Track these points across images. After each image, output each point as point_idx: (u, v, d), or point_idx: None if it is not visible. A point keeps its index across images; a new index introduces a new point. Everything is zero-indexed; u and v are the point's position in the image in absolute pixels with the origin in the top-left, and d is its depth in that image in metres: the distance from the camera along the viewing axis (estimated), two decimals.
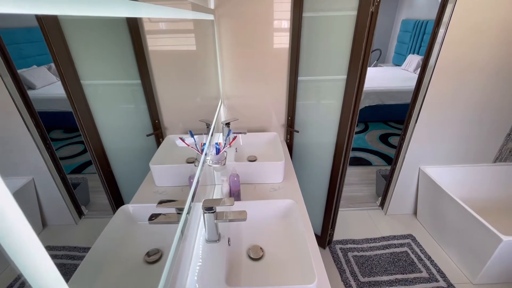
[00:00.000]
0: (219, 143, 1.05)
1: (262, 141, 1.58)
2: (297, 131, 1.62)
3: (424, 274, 1.65)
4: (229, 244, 0.85)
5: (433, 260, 1.74)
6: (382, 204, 2.20)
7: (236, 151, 1.43)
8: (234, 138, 1.20)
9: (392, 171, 2.02)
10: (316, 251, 0.90)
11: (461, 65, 1.56)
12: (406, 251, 1.81)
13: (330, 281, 1.62)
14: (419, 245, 1.85)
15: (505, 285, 1.57)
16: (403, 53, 5.14)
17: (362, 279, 1.62)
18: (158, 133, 0.86)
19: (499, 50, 1.53)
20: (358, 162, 2.92)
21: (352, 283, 1.60)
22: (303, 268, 0.78)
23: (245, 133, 1.38)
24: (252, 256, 0.86)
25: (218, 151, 1.04)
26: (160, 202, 0.75)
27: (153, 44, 0.71)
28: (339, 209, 2.22)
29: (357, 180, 2.62)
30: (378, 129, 3.70)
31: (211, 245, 0.80)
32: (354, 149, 3.17)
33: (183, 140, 0.90)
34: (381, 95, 3.77)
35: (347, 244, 1.87)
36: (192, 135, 0.97)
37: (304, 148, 1.67)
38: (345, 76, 1.30)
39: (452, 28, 1.47)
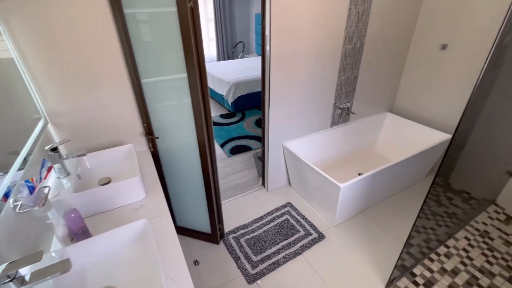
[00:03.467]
0: (31, 179, 0.81)
1: (117, 157, 1.37)
2: (157, 138, 1.50)
3: (302, 232, 1.94)
4: None
5: (306, 218, 2.06)
6: (263, 183, 2.42)
7: (79, 178, 1.18)
8: (50, 168, 0.97)
9: (264, 152, 2.24)
10: (180, 264, 0.85)
11: (288, 52, 1.83)
12: (287, 218, 2.07)
13: (227, 273, 1.66)
14: (295, 209, 2.16)
15: (353, 218, 2.06)
16: None
17: (255, 259, 1.74)
18: None
19: (314, 40, 1.89)
20: (240, 149, 3.09)
21: (247, 266, 1.69)
22: None
23: (84, 154, 1.15)
24: None
25: (32, 189, 0.81)
26: None
27: None
28: (227, 200, 2.30)
29: (241, 167, 2.78)
30: (253, 116, 4.03)
31: None
32: (236, 138, 3.34)
33: None
34: (249, 84, 4.10)
35: (238, 231, 1.96)
36: None
37: (171, 152, 1.58)
38: (186, 74, 1.27)
39: (275, 22, 1.68)
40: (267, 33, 1.72)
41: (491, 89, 1.53)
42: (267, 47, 1.76)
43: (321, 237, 1.89)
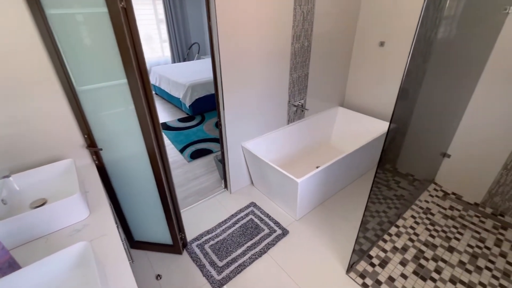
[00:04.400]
0: None
1: (53, 174, 1.23)
2: (101, 149, 1.38)
3: (266, 230, 1.95)
4: None
5: (270, 216, 2.09)
6: (226, 186, 2.39)
7: (4, 203, 1.03)
8: None
9: (223, 154, 2.21)
10: (128, 284, 0.79)
11: (238, 52, 1.83)
12: (251, 218, 2.07)
13: (192, 282, 1.60)
14: (259, 208, 2.17)
15: (314, 211, 2.14)
16: None
17: (220, 264, 1.70)
18: None
19: (263, 39, 1.91)
20: (201, 153, 3.01)
21: (213, 272, 1.65)
22: None
23: (8, 176, 1.00)
24: None
25: None
26: None
27: None
28: (190, 206, 2.22)
29: (203, 171, 2.71)
30: (213, 118, 3.96)
31: None
32: (196, 142, 3.25)
33: None
34: (206, 85, 4.02)
35: (202, 237, 1.90)
36: None
37: (119, 164, 1.46)
38: (126, 80, 1.18)
39: (221, 22, 1.66)
40: (214, 33, 1.69)
41: (423, 80, 1.69)
42: (216, 48, 1.73)
43: (285, 233, 1.93)
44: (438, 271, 1.65)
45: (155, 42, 5.90)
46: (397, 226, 1.99)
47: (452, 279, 1.59)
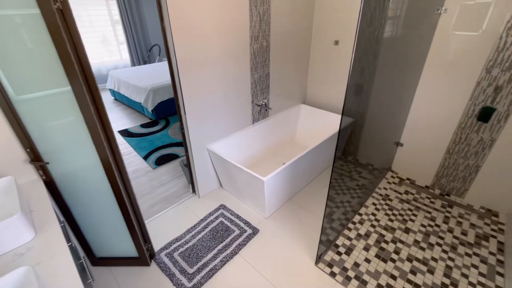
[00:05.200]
0: None
1: None
2: (47, 163, 1.27)
3: (237, 231, 1.95)
4: None
5: (240, 216, 2.09)
6: (194, 190, 2.34)
7: None
8: None
9: (188, 158, 2.16)
10: None
11: (196, 54, 1.79)
12: (221, 220, 2.05)
13: None
14: (229, 210, 2.16)
15: (282, 207, 2.19)
16: None
17: (191, 271, 1.67)
18: None
19: (221, 41, 1.90)
20: (166, 159, 2.91)
21: (183, 280, 1.61)
22: None
23: None
24: None
25: None
26: None
27: None
28: (157, 215, 2.14)
29: (169, 177, 2.62)
30: (177, 121, 3.85)
31: None
32: (160, 148, 3.14)
33: None
34: (169, 88, 3.90)
35: (171, 245, 1.84)
36: None
37: (71, 177, 1.36)
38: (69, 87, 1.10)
39: (174, 23, 1.61)
40: (168, 35, 1.64)
41: (374, 76, 1.81)
42: (172, 50, 1.68)
43: (255, 231, 1.94)
44: (397, 252, 1.78)
45: (111, 45, 5.57)
46: (360, 214, 2.11)
47: (409, 258, 1.73)
